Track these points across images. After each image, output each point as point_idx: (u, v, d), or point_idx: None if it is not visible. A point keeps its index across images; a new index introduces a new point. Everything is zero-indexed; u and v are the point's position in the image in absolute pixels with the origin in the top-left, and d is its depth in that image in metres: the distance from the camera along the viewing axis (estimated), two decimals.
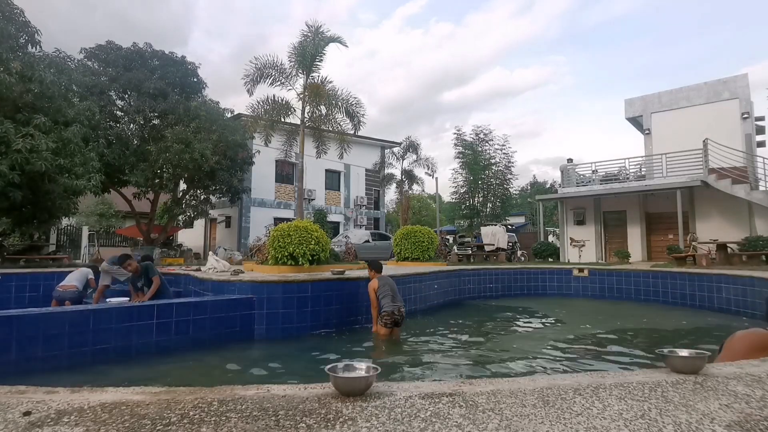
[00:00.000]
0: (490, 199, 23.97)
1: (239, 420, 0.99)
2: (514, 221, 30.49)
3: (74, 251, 21.34)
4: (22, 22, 11.77)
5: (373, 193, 27.65)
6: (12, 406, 1.12)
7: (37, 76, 10.79)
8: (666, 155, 15.02)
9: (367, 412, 1.04)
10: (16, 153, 9.68)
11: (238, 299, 6.31)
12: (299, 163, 16.46)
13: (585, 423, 0.96)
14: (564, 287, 11.51)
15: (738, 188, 13.03)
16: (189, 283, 8.45)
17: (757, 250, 10.73)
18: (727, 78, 15.18)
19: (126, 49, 16.74)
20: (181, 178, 16.97)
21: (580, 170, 17.90)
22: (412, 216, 33.96)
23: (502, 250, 16.90)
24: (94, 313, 5.12)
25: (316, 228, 8.32)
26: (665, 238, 15.16)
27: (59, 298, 7.30)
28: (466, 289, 10.73)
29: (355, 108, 16.47)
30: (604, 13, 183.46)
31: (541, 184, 47.26)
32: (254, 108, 16.17)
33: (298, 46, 15.69)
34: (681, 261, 11.40)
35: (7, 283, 8.96)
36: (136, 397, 1.18)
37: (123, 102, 16.58)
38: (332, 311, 6.81)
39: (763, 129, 16.59)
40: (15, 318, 4.66)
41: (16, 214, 11.30)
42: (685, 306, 9.14)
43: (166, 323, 5.54)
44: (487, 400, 1.11)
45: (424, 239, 11.99)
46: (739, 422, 0.96)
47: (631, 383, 1.23)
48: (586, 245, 16.48)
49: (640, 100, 16.91)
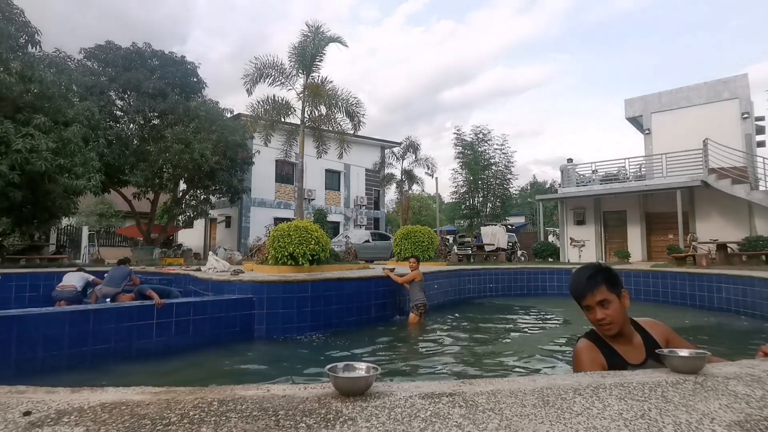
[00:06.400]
0: (490, 199, 23.96)
1: (239, 420, 0.99)
2: (514, 221, 30.48)
3: (74, 251, 21.33)
4: (22, 22, 11.77)
5: (373, 193, 27.64)
6: (12, 406, 1.12)
7: (37, 76, 10.79)
8: (666, 155, 15.02)
9: (367, 412, 1.04)
10: (16, 153, 9.68)
11: (238, 299, 6.32)
12: (299, 163, 16.44)
13: (585, 423, 0.96)
14: (564, 287, 11.47)
15: (738, 188, 13.03)
16: (189, 283, 8.45)
17: (757, 250, 10.73)
18: (727, 78, 15.18)
19: (125, 49, 16.74)
20: (181, 178, 16.97)
21: (580, 170, 17.90)
22: (412, 216, 33.95)
23: (502, 250, 16.90)
24: (95, 313, 5.12)
25: (316, 228, 8.31)
26: (665, 238, 15.16)
27: (57, 298, 7.32)
28: (466, 289, 10.73)
29: (355, 108, 16.45)
30: (605, 12, 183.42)
31: (541, 184, 47.24)
32: (254, 108, 16.14)
33: (298, 46, 15.66)
34: (681, 261, 11.40)
35: (7, 283, 8.96)
36: (136, 397, 1.18)
37: (123, 102, 16.59)
38: (332, 311, 6.81)
39: (763, 129, 16.59)
40: (15, 318, 4.66)
41: (16, 214, 11.30)
42: (685, 306, 9.14)
43: (166, 323, 5.54)
44: (487, 400, 1.11)
45: (424, 239, 11.99)
46: (740, 422, 0.96)
47: (631, 383, 1.23)
48: (586, 245, 16.48)
49: (641, 100, 16.91)
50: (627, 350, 1.70)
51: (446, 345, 6.20)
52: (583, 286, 1.73)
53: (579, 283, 1.75)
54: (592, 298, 1.70)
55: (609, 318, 1.68)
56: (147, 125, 16.69)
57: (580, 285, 1.74)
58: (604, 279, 1.71)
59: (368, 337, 6.48)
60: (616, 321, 1.68)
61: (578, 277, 1.78)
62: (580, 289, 1.74)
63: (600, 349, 1.71)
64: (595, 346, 1.72)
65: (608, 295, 1.69)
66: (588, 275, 1.74)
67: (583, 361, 1.69)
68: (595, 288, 1.70)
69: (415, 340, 6.56)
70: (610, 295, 1.69)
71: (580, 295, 1.74)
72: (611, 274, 1.75)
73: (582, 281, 1.74)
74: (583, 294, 1.72)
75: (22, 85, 10.72)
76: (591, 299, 1.70)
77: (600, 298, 1.69)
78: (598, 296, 1.69)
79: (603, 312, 1.68)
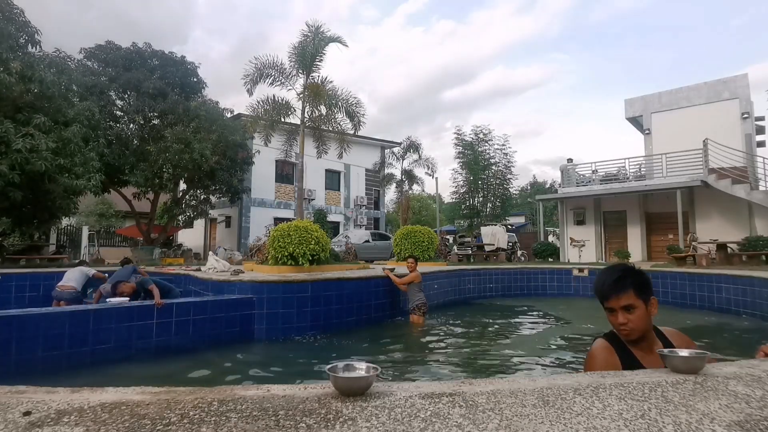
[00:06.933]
0: (490, 199, 23.95)
1: (239, 420, 0.99)
2: (514, 221, 30.49)
3: (74, 251, 21.32)
4: (22, 22, 11.77)
5: (373, 193, 27.64)
6: (12, 406, 1.12)
7: (37, 76, 10.79)
8: (666, 155, 15.02)
9: (367, 412, 1.04)
10: (16, 153, 9.68)
11: (238, 299, 6.31)
12: (299, 163, 16.44)
13: (585, 423, 0.96)
14: (564, 287, 11.51)
15: (738, 188, 13.03)
16: (189, 283, 8.45)
17: (757, 250, 10.73)
18: (727, 78, 15.18)
19: (125, 49, 16.75)
20: (181, 178, 16.97)
21: (580, 170, 17.91)
22: (412, 216, 33.94)
23: (502, 250, 16.90)
24: (95, 313, 5.12)
25: (316, 228, 8.31)
26: (665, 238, 15.16)
27: (57, 297, 7.33)
28: (466, 289, 10.72)
29: (355, 108, 16.45)
30: (605, 12, 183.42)
31: (541, 184, 47.27)
32: (254, 108, 16.14)
33: (298, 46, 15.66)
34: (681, 261, 11.40)
35: (7, 283, 8.96)
36: (136, 397, 1.18)
37: (123, 102, 16.59)
38: (332, 311, 6.81)
39: (763, 129, 16.60)
40: (15, 318, 4.66)
41: (16, 214, 11.29)
42: (685, 306, 9.14)
43: (166, 323, 5.54)
44: (487, 400, 1.11)
45: (424, 239, 11.99)
46: (739, 422, 0.96)
47: (631, 383, 1.23)
48: (586, 245, 16.48)
49: (641, 100, 16.91)
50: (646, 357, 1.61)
51: (446, 345, 6.20)
52: (609, 287, 1.63)
53: (605, 283, 1.65)
54: (617, 302, 1.61)
55: (631, 324, 1.59)
56: (147, 125, 16.70)
57: (606, 286, 1.64)
58: (633, 283, 1.61)
59: (368, 337, 6.48)
60: (638, 328, 1.60)
61: (606, 277, 1.67)
62: (605, 290, 1.64)
63: (617, 351, 1.64)
64: (612, 349, 1.65)
65: (635, 301, 1.60)
66: (616, 277, 1.64)
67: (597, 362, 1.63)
68: (622, 291, 1.60)
69: (415, 340, 6.56)
70: (637, 300, 1.60)
71: (605, 296, 1.64)
72: (641, 279, 1.64)
73: (609, 282, 1.64)
74: (608, 296, 1.63)
75: (22, 85, 10.72)
76: (616, 302, 1.62)
77: (625, 303, 1.60)
78: (624, 300, 1.60)
79: (626, 317, 1.60)
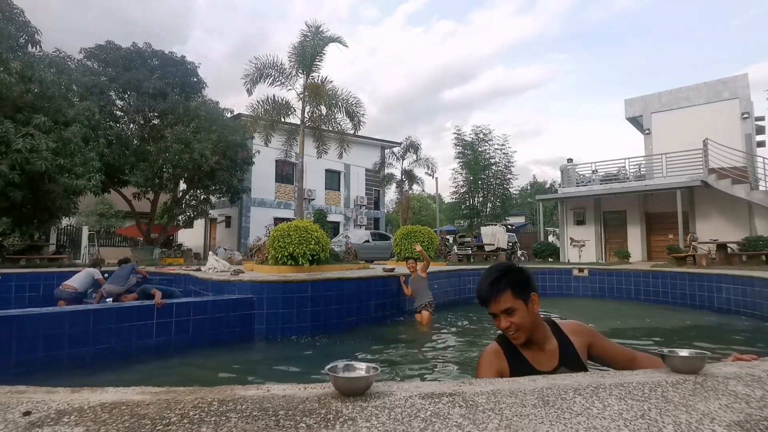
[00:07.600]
0: (490, 199, 23.95)
1: (239, 420, 0.99)
2: (514, 221, 30.49)
3: (74, 251, 21.33)
4: (22, 21, 11.77)
5: (373, 193, 27.64)
6: (12, 406, 1.11)
7: (37, 76, 10.79)
8: (666, 155, 15.02)
9: (367, 412, 1.04)
10: (16, 153, 9.68)
11: (238, 299, 6.31)
12: (299, 163, 16.44)
13: (585, 423, 0.96)
14: (564, 287, 11.51)
15: (738, 188, 13.03)
16: (189, 283, 8.45)
17: (757, 250, 10.73)
18: (727, 78, 15.18)
19: (125, 49, 16.75)
20: (181, 178, 16.97)
21: (580, 170, 17.91)
22: (412, 216, 33.95)
23: (502, 250, 16.90)
24: (95, 313, 5.12)
25: (316, 228, 8.31)
26: (665, 238, 15.16)
27: (57, 296, 7.37)
28: (466, 289, 10.72)
29: (355, 108, 16.46)
30: (605, 12, 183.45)
31: (541, 184, 47.28)
32: (254, 108, 16.14)
33: (297, 46, 15.67)
34: (681, 261, 11.40)
35: (7, 283, 8.96)
36: (136, 397, 1.18)
37: (123, 102, 16.59)
38: (332, 311, 6.81)
39: (763, 129, 16.60)
40: (15, 318, 4.66)
41: (16, 214, 11.30)
42: (686, 306, 9.14)
43: (166, 323, 5.54)
44: (487, 400, 1.11)
45: (424, 239, 11.98)
46: (739, 422, 0.96)
47: (631, 383, 1.23)
48: (586, 245, 16.48)
49: (641, 100, 16.91)
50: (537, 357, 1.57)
51: (446, 345, 6.20)
52: (486, 291, 1.55)
53: (482, 288, 1.57)
54: (497, 306, 1.54)
55: (515, 326, 1.52)
56: (147, 125, 16.71)
57: (483, 290, 1.56)
58: (509, 284, 1.54)
59: (368, 337, 6.48)
60: (523, 328, 1.53)
61: (483, 281, 1.59)
62: (483, 295, 1.57)
63: (506, 354, 1.58)
64: (501, 352, 1.59)
65: (513, 302, 1.52)
66: (491, 280, 1.56)
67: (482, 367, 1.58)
68: (499, 295, 1.53)
69: (415, 340, 6.56)
70: (515, 302, 1.52)
71: (485, 301, 1.57)
72: (518, 278, 1.56)
73: (485, 287, 1.56)
74: (488, 301, 1.56)
75: (22, 85, 10.72)
76: (495, 306, 1.54)
77: (504, 306, 1.53)
78: (502, 304, 1.53)
79: (508, 320, 1.53)
